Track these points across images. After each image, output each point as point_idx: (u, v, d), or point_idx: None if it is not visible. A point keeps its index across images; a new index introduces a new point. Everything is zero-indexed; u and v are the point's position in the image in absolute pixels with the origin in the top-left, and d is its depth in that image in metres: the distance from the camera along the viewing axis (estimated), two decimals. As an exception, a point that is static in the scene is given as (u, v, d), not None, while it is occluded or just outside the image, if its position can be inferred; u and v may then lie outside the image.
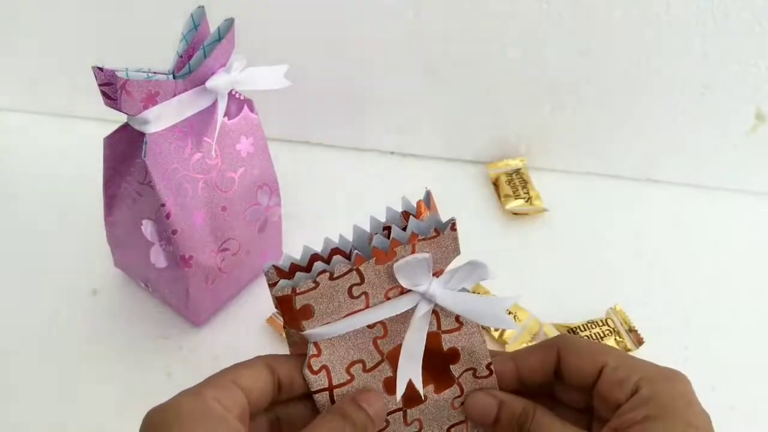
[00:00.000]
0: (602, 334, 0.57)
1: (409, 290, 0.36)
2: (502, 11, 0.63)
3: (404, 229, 0.35)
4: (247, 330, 0.58)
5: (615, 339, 0.57)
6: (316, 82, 0.70)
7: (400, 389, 0.37)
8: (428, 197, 0.37)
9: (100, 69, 0.44)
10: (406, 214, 0.37)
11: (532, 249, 0.65)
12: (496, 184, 0.71)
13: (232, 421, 0.33)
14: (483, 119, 0.71)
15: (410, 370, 0.37)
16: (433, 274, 0.36)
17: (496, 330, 0.57)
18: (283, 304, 0.35)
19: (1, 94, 0.77)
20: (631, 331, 0.57)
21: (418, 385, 0.37)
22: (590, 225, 0.68)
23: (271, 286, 0.36)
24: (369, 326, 0.37)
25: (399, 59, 0.68)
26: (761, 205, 0.70)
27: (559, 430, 0.36)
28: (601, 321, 0.58)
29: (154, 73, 0.47)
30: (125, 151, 0.50)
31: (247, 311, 0.59)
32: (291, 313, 0.35)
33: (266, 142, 0.56)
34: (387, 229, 0.37)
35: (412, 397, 0.38)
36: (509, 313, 0.58)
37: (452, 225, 0.36)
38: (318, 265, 0.35)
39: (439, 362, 0.38)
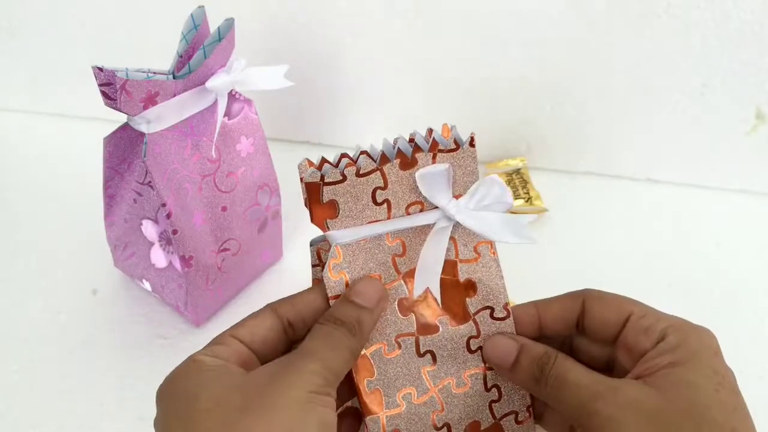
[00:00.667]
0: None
1: (430, 209, 0.38)
2: (502, 11, 0.64)
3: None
4: (247, 330, 0.58)
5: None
6: (315, 82, 0.70)
7: (418, 290, 0.38)
8: (455, 130, 0.39)
9: (100, 69, 0.44)
10: (430, 131, 0.39)
11: (532, 249, 0.65)
12: (496, 184, 0.70)
13: (230, 366, 0.34)
14: (483, 119, 0.71)
15: (428, 279, 0.38)
16: (453, 197, 0.38)
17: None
18: (311, 192, 0.36)
19: (1, 94, 0.77)
20: (631, 331, 0.57)
21: (436, 293, 0.38)
22: (590, 225, 0.68)
23: (303, 179, 0.37)
24: (389, 242, 0.38)
25: (399, 59, 0.68)
26: (761, 205, 0.70)
27: (581, 374, 0.35)
28: (601, 321, 0.58)
29: (154, 73, 0.47)
30: (125, 151, 0.50)
31: (247, 311, 0.58)
32: (317, 207, 0.36)
33: (266, 142, 0.56)
34: (411, 141, 0.38)
35: (426, 325, 0.39)
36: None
37: (471, 140, 0.38)
38: (345, 161, 0.36)
39: (455, 293, 0.39)
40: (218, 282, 0.56)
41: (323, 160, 0.37)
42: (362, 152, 0.37)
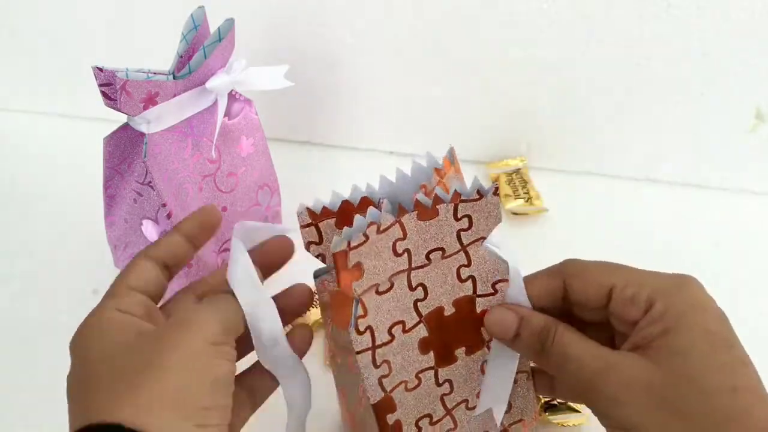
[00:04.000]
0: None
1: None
2: (502, 11, 0.64)
3: None
4: (247, 330, 0.58)
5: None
6: (315, 82, 0.70)
7: (480, 409, 0.40)
8: (452, 154, 0.38)
9: (100, 69, 0.44)
10: (439, 171, 0.38)
11: (532, 249, 0.65)
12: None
13: (137, 322, 0.34)
14: (483, 119, 0.71)
15: (496, 406, 0.40)
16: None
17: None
18: (339, 260, 0.35)
19: (1, 94, 0.77)
20: (631, 331, 0.57)
21: (498, 417, 0.40)
22: (590, 225, 0.67)
23: (303, 227, 0.37)
24: (411, 289, 0.38)
25: (399, 59, 0.68)
26: (761, 205, 0.70)
27: (582, 347, 0.35)
28: (601, 321, 0.58)
29: (154, 73, 0.47)
30: (125, 151, 0.50)
31: (247, 311, 0.59)
32: (345, 272, 0.35)
33: (266, 142, 0.56)
34: (424, 187, 0.37)
35: (444, 357, 0.39)
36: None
37: (495, 190, 0.37)
38: (360, 218, 0.35)
39: (471, 325, 0.39)
40: (218, 282, 0.55)
41: (325, 211, 0.38)
42: (364, 199, 0.38)
